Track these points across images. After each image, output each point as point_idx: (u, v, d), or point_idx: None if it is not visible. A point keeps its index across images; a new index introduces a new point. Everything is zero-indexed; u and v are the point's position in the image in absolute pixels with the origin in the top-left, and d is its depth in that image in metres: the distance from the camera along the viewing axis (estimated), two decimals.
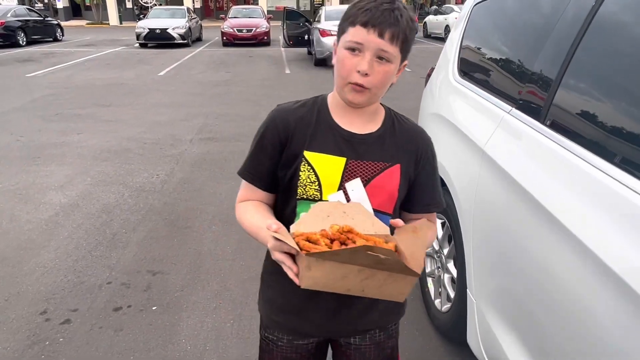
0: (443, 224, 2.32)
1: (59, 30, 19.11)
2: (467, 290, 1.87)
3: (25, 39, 16.68)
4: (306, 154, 1.07)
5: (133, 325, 2.45)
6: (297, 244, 0.89)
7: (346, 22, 1.01)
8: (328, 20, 11.79)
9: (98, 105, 7.60)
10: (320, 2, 31.98)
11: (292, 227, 0.97)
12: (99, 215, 3.71)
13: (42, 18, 18.29)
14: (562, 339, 1.24)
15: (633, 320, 1.00)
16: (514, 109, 1.71)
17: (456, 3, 28.18)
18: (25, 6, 20.16)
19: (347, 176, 1.07)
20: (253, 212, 1.11)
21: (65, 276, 2.87)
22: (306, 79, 10.09)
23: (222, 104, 7.77)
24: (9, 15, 16.28)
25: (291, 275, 0.91)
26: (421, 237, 0.96)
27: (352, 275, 0.89)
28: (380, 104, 1.15)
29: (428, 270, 2.53)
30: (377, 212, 1.08)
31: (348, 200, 1.06)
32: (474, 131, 1.94)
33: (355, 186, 1.06)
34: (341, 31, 1.03)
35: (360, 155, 1.08)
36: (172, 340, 2.34)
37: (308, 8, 32.84)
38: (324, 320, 1.15)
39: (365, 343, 1.23)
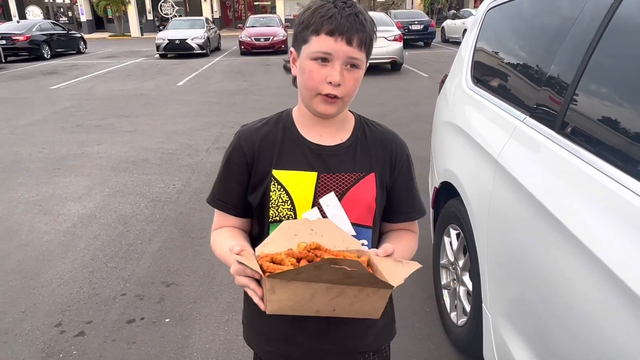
0: (458, 235, 2.26)
1: (82, 42, 19.58)
2: (482, 304, 1.81)
3: (49, 52, 17.13)
4: (275, 172, 1.02)
5: (146, 337, 2.44)
6: (261, 266, 0.84)
7: (307, 31, 0.94)
8: None
9: (118, 116, 7.73)
10: None
11: (257, 248, 0.92)
12: (115, 226, 3.75)
13: (65, 31, 18.78)
14: (579, 356, 1.18)
15: None
16: (527, 117, 1.65)
17: (475, 7, 27.94)
18: (50, 20, 20.74)
19: (320, 191, 1.02)
20: (225, 237, 1.06)
21: (81, 288, 2.89)
22: None
23: (238, 113, 7.82)
24: (34, 29, 16.76)
25: (256, 300, 0.87)
26: (404, 264, 0.90)
27: (320, 295, 0.83)
28: (349, 110, 1.10)
29: (444, 282, 2.47)
30: (357, 226, 1.04)
31: (324, 217, 1.01)
32: (487, 140, 1.89)
33: (329, 201, 1.02)
34: (302, 40, 0.96)
35: (332, 167, 1.03)
36: (184, 353, 2.33)
37: None
38: (314, 344, 1.08)
39: None
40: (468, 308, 2.13)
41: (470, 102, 2.30)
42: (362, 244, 1.00)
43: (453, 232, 2.31)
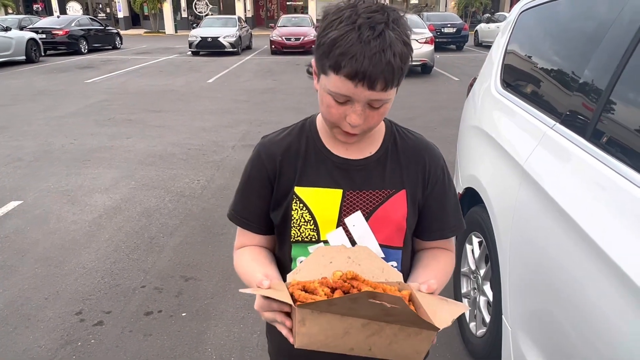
0: (480, 243, 2.19)
1: (118, 38, 20.05)
2: (502, 316, 1.75)
3: (86, 47, 17.60)
4: (297, 190, 0.95)
5: (162, 330, 2.46)
6: (292, 295, 0.77)
7: (326, 61, 0.81)
8: None
9: (148, 111, 7.87)
10: None
11: (289, 275, 0.85)
12: (139, 218, 3.80)
13: (103, 27, 19.26)
14: None
15: None
16: (557, 124, 1.58)
17: (510, 11, 27.33)
18: (88, 16, 21.33)
19: (345, 210, 0.93)
20: (249, 260, 0.99)
21: (102, 278, 2.94)
22: None
23: (266, 111, 7.86)
24: (73, 24, 17.25)
25: (285, 332, 0.79)
26: (450, 304, 0.81)
27: (355, 331, 0.75)
28: None
29: (464, 290, 2.40)
30: (385, 248, 0.95)
31: (350, 237, 0.94)
32: (514, 146, 1.82)
33: (356, 221, 0.93)
34: (321, 67, 0.85)
35: (359, 184, 0.94)
36: (199, 348, 2.34)
37: None
38: None
39: None
40: (488, 319, 2.06)
41: (498, 106, 2.23)
42: (392, 266, 0.93)
43: (475, 240, 2.25)
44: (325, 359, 0.96)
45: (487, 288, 2.10)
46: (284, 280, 0.88)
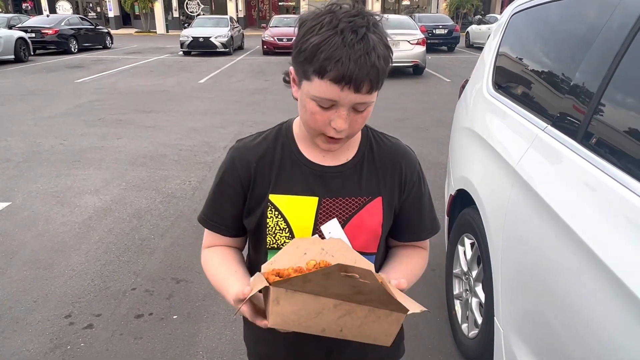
0: (472, 245, 2.20)
1: (108, 38, 19.91)
2: (495, 318, 1.75)
3: (76, 47, 17.45)
4: (272, 197, 0.94)
5: (153, 333, 2.44)
6: (267, 280, 0.79)
7: (309, 67, 0.80)
8: None
9: (139, 111, 7.81)
10: None
11: (263, 266, 0.87)
12: (130, 220, 3.77)
13: (93, 26, 19.12)
14: None
15: None
16: (548, 126, 1.59)
17: (501, 12, 27.53)
18: (78, 15, 21.15)
19: (321, 218, 0.94)
20: (218, 262, 0.99)
21: (92, 280, 2.91)
22: None
23: (257, 112, 7.84)
24: (62, 23, 17.11)
25: (259, 322, 0.81)
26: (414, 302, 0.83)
27: (328, 311, 0.78)
28: None
29: (456, 292, 2.41)
30: (360, 254, 0.95)
31: None
32: (505, 148, 1.83)
33: (332, 228, 0.94)
34: (302, 73, 0.83)
35: (335, 191, 0.95)
36: (190, 351, 2.32)
37: None
38: None
39: None
40: (480, 320, 2.06)
41: (490, 108, 2.24)
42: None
43: (467, 242, 2.25)
44: (301, 344, 0.99)
45: (479, 289, 2.10)
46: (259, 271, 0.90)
